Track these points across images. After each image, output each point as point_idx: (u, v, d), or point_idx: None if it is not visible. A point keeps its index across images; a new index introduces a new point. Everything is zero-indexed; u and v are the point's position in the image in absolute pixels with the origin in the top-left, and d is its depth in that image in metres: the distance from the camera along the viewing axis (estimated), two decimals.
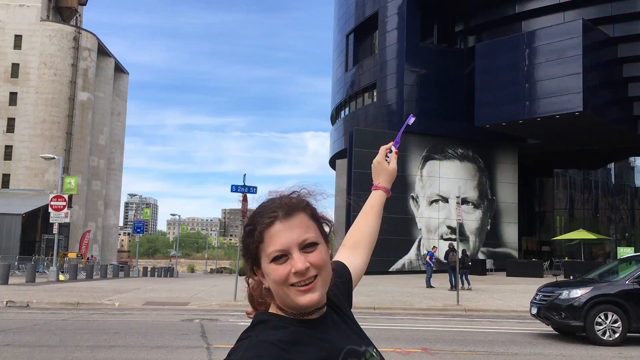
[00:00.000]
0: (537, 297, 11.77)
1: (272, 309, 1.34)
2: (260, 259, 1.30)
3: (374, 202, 1.81)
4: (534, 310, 11.75)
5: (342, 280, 1.52)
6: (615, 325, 10.63)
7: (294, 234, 1.27)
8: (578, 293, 11.00)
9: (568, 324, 10.96)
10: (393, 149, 1.86)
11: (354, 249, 1.71)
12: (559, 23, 34.23)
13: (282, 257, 1.26)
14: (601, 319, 10.66)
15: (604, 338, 10.57)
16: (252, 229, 1.30)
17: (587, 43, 31.65)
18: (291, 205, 1.31)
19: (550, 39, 32.54)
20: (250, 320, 1.34)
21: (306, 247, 1.27)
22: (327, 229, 1.38)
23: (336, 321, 1.37)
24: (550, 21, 35.57)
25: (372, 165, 1.86)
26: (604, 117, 33.59)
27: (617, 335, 10.58)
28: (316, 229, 1.32)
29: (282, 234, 1.27)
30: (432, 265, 25.53)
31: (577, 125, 33.70)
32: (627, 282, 10.98)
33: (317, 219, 1.35)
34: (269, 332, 1.26)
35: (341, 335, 1.34)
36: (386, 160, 1.85)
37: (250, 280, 1.39)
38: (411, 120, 2.01)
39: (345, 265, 1.62)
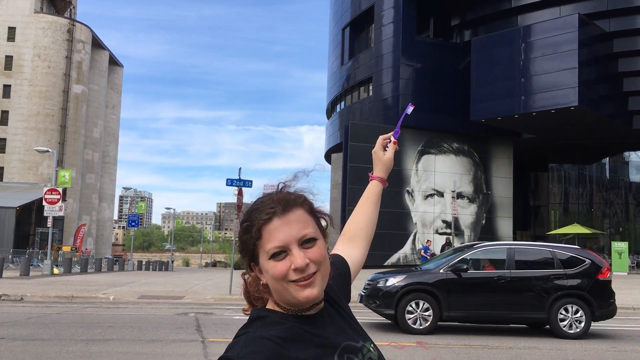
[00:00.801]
0: (364, 286, 11.67)
1: (269, 305, 1.32)
2: (259, 255, 1.28)
3: (370, 193, 1.80)
4: (359, 299, 11.68)
5: (339, 273, 1.51)
6: (426, 313, 10.49)
7: (293, 229, 1.25)
8: (392, 281, 10.86)
9: (382, 312, 10.91)
10: (392, 138, 1.84)
11: (351, 242, 1.69)
12: (554, 17, 34.25)
13: (281, 253, 1.25)
14: (412, 307, 10.53)
15: (414, 326, 10.45)
16: (249, 225, 1.28)
17: (582, 38, 31.69)
18: (289, 200, 1.29)
19: (546, 33, 32.56)
20: (247, 317, 1.33)
21: (305, 242, 1.26)
22: (324, 223, 1.37)
23: (333, 316, 1.36)
24: (546, 15, 35.58)
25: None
26: (599, 111, 33.67)
27: (427, 323, 10.46)
28: (314, 224, 1.31)
29: (281, 230, 1.25)
30: (427, 258, 25.62)
31: (572, 120, 33.78)
32: (441, 271, 10.84)
33: (315, 214, 1.34)
34: (266, 328, 1.25)
35: (338, 331, 1.33)
36: (385, 150, 1.84)
37: (247, 277, 1.38)
38: (410, 109, 1.98)
39: (343, 258, 1.61)
